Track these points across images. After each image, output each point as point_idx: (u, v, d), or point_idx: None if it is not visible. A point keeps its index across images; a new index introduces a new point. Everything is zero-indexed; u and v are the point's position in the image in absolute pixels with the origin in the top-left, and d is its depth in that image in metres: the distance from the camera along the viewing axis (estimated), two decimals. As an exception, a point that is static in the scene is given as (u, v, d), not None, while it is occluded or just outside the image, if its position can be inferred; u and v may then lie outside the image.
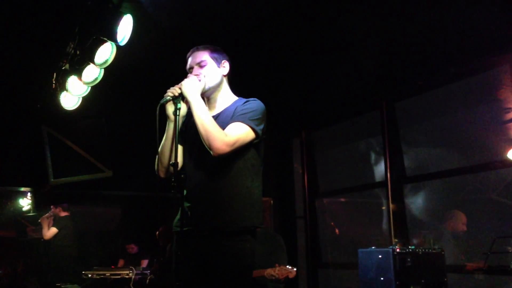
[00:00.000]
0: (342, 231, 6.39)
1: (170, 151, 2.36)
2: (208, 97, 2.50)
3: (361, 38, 4.49)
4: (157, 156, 2.43)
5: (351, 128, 6.24)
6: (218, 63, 2.49)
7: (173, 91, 2.33)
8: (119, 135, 6.17)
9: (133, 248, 7.20)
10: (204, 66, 2.45)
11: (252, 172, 2.34)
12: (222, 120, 2.37)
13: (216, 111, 2.48)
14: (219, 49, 2.54)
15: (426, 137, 5.41)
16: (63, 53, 4.31)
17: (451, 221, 4.86)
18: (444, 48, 4.48)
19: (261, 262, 4.23)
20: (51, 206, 6.82)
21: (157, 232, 6.44)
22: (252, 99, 2.43)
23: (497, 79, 4.55)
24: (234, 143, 2.23)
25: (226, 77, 2.54)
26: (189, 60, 2.50)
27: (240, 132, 2.26)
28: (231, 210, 2.25)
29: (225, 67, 2.52)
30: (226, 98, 2.51)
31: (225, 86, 2.53)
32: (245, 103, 2.39)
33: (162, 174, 2.44)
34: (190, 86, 2.32)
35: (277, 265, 4.04)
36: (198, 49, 2.50)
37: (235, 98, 2.53)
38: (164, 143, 2.41)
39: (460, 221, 4.80)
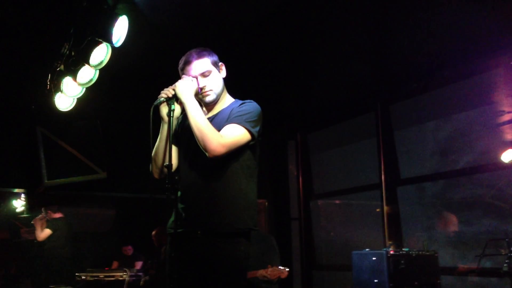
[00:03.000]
0: (337, 233, 6.40)
1: (164, 153, 2.35)
2: (212, 104, 2.47)
3: (355, 40, 4.51)
4: (151, 158, 2.43)
5: (346, 130, 6.26)
6: (218, 67, 2.44)
7: (167, 92, 2.32)
8: (114, 137, 6.16)
9: (129, 250, 7.20)
10: (208, 75, 2.38)
11: (247, 174, 2.34)
12: (218, 122, 2.35)
13: (212, 113, 2.47)
14: (212, 51, 2.47)
15: (420, 139, 5.43)
16: (58, 54, 4.30)
17: (441, 223, 4.88)
18: (438, 51, 4.50)
19: (253, 263, 4.23)
20: (42, 208, 6.79)
21: (152, 233, 6.43)
22: (248, 101, 2.41)
23: (491, 82, 4.58)
24: (230, 145, 2.21)
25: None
26: (190, 68, 2.38)
27: (236, 134, 2.25)
28: (225, 212, 2.25)
29: (223, 69, 2.47)
30: (223, 100, 2.49)
31: (224, 89, 2.49)
32: (241, 105, 2.37)
33: (156, 176, 2.44)
34: (184, 87, 2.29)
35: (269, 266, 4.04)
36: (198, 57, 2.38)
37: (231, 100, 2.51)
38: (158, 144, 2.40)
39: (450, 222, 4.82)
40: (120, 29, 3.64)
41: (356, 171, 6.10)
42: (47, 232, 6.62)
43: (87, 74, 4.26)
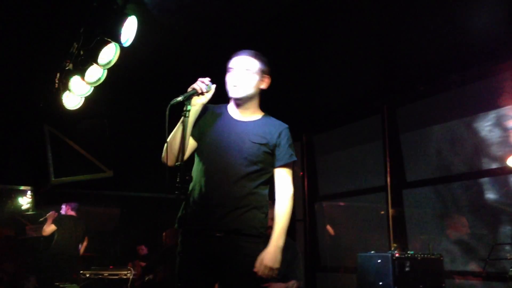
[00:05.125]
0: (341, 235, 6.40)
1: (182, 144, 2.29)
2: (237, 103, 2.51)
3: (362, 42, 4.51)
4: (166, 144, 2.31)
5: (352, 132, 6.25)
6: (261, 77, 2.50)
7: (202, 86, 2.33)
8: (121, 136, 6.19)
9: (143, 250, 7.23)
10: (247, 72, 2.45)
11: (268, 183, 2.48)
12: (257, 130, 2.44)
13: (244, 118, 2.50)
14: (267, 62, 2.54)
15: (426, 143, 5.42)
16: (67, 53, 4.34)
17: (453, 226, 4.86)
18: (445, 54, 4.49)
19: (281, 271, 4.26)
20: (63, 205, 6.84)
21: (164, 233, 6.41)
22: (284, 127, 2.54)
23: (498, 86, 4.56)
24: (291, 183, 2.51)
25: (261, 91, 2.55)
26: (236, 59, 2.47)
27: (291, 173, 2.55)
28: (250, 217, 2.33)
29: (265, 82, 2.53)
30: (254, 109, 2.54)
31: (257, 99, 2.55)
32: (285, 138, 2.51)
33: (170, 163, 2.32)
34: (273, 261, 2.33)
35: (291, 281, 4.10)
36: (250, 54, 2.49)
37: (262, 112, 2.57)
38: (179, 131, 2.29)
39: (460, 224, 4.80)
40: (129, 29, 3.66)
41: (361, 173, 6.09)
42: (52, 227, 6.65)
43: (95, 73, 4.29)
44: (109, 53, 3.93)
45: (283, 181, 2.47)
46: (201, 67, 2.59)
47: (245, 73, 2.44)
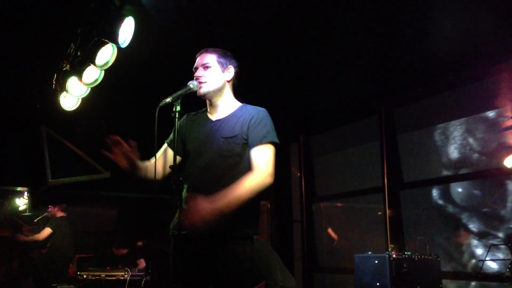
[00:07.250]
0: (339, 236, 6.40)
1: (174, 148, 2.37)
2: (210, 101, 2.51)
3: (360, 43, 4.51)
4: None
5: (349, 133, 6.27)
6: (223, 68, 2.48)
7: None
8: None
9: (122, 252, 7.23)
10: (208, 68, 2.45)
11: None
12: (228, 125, 2.39)
13: (219, 116, 2.48)
14: (228, 54, 2.53)
15: (423, 143, 5.43)
16: (64, 54, 4.32)
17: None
18: (443, 55, 4.51)
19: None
20: (50, 206, 6.82)
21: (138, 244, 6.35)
22: (259, 110, 2.43)
23: (495, 87, 4.58)
24: (271, 166, 2.28)
25: (230, 83, 2.53)
26: (197, 59, 2.50)
27: (269, 154, 2.31)
28: (233, 218, 2.24)
29: (230, 72, 2.50)
30: (229, 104, 2.50)
31: (228, 91, 2.52)
32: (257, 121, 2.37)
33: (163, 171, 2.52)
34: (204, 216, 2.11)
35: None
36: (207, 51, 2.49)
37: (239, 104, 2.53)
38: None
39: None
40: (127, 30, 3.65)
41: (359, 174, 6.10)
42: (48, 231, 6.63)
43: (93, 74, 4.28)
44: (107, 54, 3.93)
45: (254, 161, 2.28)
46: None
47: (204, 69, 2.45)
